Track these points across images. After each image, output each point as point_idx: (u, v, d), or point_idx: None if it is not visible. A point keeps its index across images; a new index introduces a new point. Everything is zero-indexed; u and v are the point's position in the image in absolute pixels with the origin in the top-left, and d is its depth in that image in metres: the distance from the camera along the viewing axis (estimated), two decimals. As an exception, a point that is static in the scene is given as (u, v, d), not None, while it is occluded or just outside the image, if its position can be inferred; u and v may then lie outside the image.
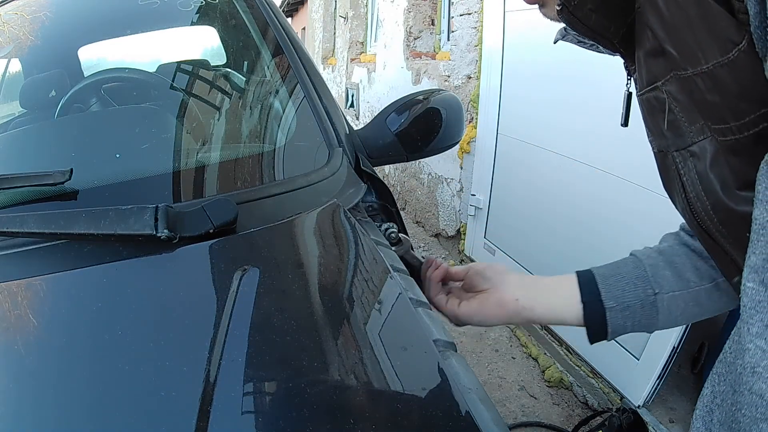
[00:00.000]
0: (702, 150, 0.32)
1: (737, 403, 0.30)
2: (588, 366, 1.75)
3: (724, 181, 0.31)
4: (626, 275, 0.50)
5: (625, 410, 1.43)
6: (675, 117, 0.33)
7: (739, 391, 0.29)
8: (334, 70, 5.82)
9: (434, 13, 3.54)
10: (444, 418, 0.39)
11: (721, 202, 0.32)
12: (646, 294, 0.48)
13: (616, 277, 0.50)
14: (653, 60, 0.33)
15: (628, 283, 0.49)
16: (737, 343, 0.32)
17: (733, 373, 0.31)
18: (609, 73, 1.53)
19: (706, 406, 0.35)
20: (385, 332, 0.47)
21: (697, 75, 0.29)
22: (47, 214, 0.56)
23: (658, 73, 0.33)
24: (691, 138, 0.32)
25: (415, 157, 0.91)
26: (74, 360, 0.45)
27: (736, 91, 0.27)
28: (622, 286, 0.49)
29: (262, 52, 1.03)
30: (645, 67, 0.34)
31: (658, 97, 0.34)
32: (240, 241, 0.57)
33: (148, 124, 0.85)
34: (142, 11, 1.11)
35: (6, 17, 1.07)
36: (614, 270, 0.51)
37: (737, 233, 0.32)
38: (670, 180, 0.37)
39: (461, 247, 2.77)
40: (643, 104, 0.37)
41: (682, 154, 0.34)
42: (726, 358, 0.34)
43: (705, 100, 0.29)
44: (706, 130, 0.31)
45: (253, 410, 0.40)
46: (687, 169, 0.34)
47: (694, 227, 0.37)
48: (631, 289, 0.49)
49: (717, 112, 0.29)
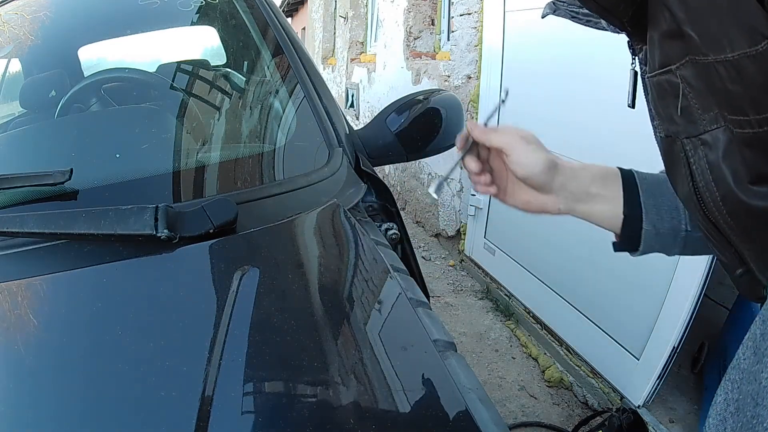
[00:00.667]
0: (714, 139, 0.31)
1: (759, 416, 0.29)
2: (588, 366, 1.75)
3: (737, 174, 0.30)
4: (666, 202, 0.49)
5: (625, 410, 1.43)
6: (688, 103, 0.32)
7: (762, 404, 0.29)
8: (334, 70, 5.82)
9: (434, 13, 3.54)
10: (444, 418, 0.39)
11: (732, 194, 0.31)
12: (679, 229, 0.48)
13: (659, 200, 0.50)
14: (669, 41, 0.32)
15: (668, 211, 0.49)
16: (754, 352, 0.31)
17: (753, 384, 0.31)
18: (609, 73, 1.53)
19: (719, 414, 0.34)
20: (385, 332, 0.47)
21: (720, 62, 0.28)
22: (47, 214, 0.56)
23: (673, 55, 0.32)
24: (704, 126, 0.32)
25: (415, 157, 0.91)
26: (74, 360, 0.45)
27: (760, 84, 0.27)
28: (661, 213, 0.49)
29: (262, 52, 1.03)
30: (659, 48, 0.33)
31: (671, 81, 0.33)
32: (240, 241, 0.57)
33: (148, 124, 0.85)
34: (142, 11, 1.11)
35: (6, 17, 1.07)
36: (657, 188, 0.50)
37: (745, 226, 0.32)
38: (676, 167, 0.36)
39: (461, 247, 2.77)
40: (653, 87, 0.36)
41: (693, 142, 0.33)
42: (740, 364, 0.33)
43: (725, 89, 0.29)
44: (721, 120, 0.30)
45: (253, 410, 0.40)
46: (697, 157, 0.33)
47: (698, 216, 0.36)
48: (668, 218, 0.49)
49: (736, 103, 0.28)
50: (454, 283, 2.59)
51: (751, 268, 0.34)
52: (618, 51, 0.52)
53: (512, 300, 2.23)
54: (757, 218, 0.30)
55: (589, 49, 1.64)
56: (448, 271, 2.76)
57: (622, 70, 0.44)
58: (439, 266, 2.82)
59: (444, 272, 2.73)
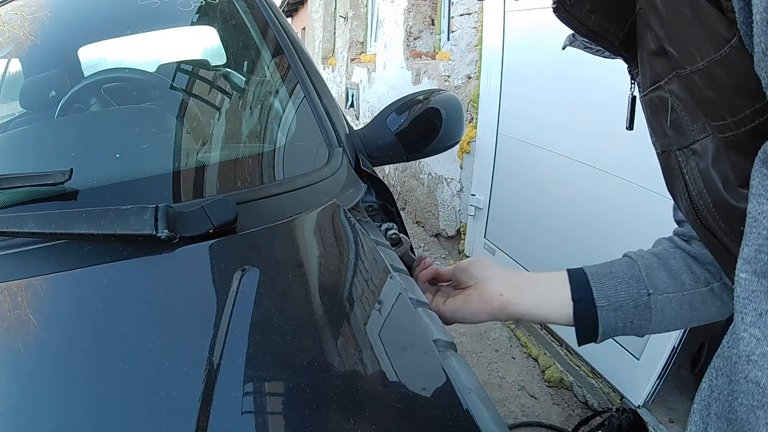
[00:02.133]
0: (704, 148, 0.32)
1: (734, 393, 0.30)
2: (588, 366, 1.75)
3: (726, 179, 0.31)
4: (620, 274, 0.49)
5: (624, 410, 1.43)
6: (677, 115, 0.33)
7: (735, 380, 0.29)
8: (334, 70, 5.82)
9: (434, 13, 3.54)
10: (444, 418, 0.39)
11: (723, 200, 0.32)
12: (639, 294, 0.48)
13: (609, 276, 0.49)
14: (656, 60, 0.33)
15: (622, 282, 0.48)
16: (733, 335, 0.32)
17: (729, 365, 0.31)
18: (609, 73, 1.53)
19: (704, 400, 0.35)
20: (385, 332, 0.47)
21: (695, 72, 0.29)
22: (47, 214, 0.56)
23: (661, 72, 0.33)
24: (693, 136, 0.33)
25: (415, 157, 0.91)
26: (74, 360, 0.45)
27: (730, 87, 0.28)
28: (615, 285, 0.48)
29: (262, 52, 1.03)
30: (649, 67, 0.35)
31: (661, 97, 0.34)
32: (240, 241, 0.57)
33: (148, 124, 0.85)
34: (142, 11, 1.11)
35: (6, 17, 1.07)
36: (607, 269, 0.50)
37: (739, 230, 0.33)
38: (674, 180, 0.37)
39: (461, 247, 2.77)
40: (647, 105, 0.38)
41: (684, 153, 0.34)
42: (723, 352, 0.34)
43: (703, 97, 0.30)
44: (708, 128, 0.31)
45: (253, 410, 0.40)
46: (689, 167, 0.34)
47: (697, 226, 0.37)
48: (624, 288, 0.48)
49: (715, 109, 0.30)
50: (454, 283, 2.58)
51: None
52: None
53: (512, 300, 2.23)
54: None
55: (589, 49, 1.64)
56: (448, 271, 2.75)
57: (622, 71, 0.44)
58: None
59: (444, 272, 2.73)
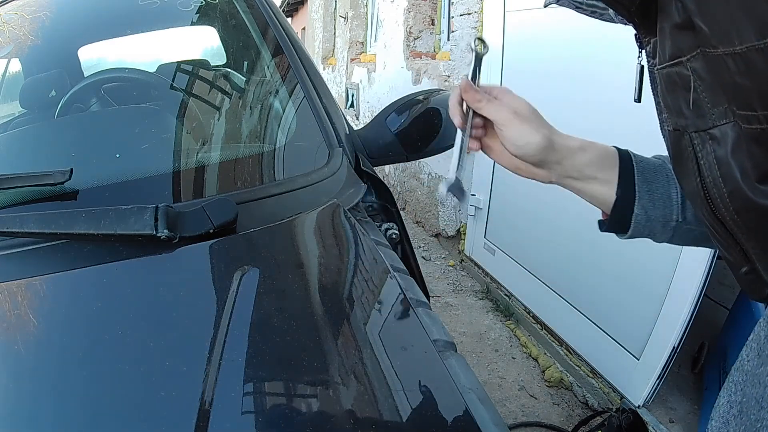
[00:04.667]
0: (723, 134, 0.31)
1: (763, 420, 0.29)
2: (588, 366, 1.75)
3: (744, 170, 0.30)
4: (660, 189, 0.48)
5: (624, 410, 1.43)
6: (698, 96, 0.31)
7: (766, 408, 0.29)
8: (334, 70, 5.82)
9: (434, 13, 3.54)
10: (444, 418, 0.39)
11: (739, 191, 0.31)
12: (669, 218, 0.47)
13: (652, 186, 0.48)
14: (680, 33, 0.31)
15: (660, 197, 0.47)
16: (758, 354, 0.31)
17: (757, 387, 0.30)
18: (609, 72, 1.53)
19: (722, 416, 0.33)
20: (385, 332, 0.47)
21: (729, 55, 0.27)
22: (47, 214, 0.56)
23: (684, 47, 0.31)
24: (713, 120, 0.31)
25: (415, 157, 0.91)
26: (74, 360, 0.45)
27: (767, 78, 0.26)
28: (654, 199, 0.48)
29: (262, 52, 1.03)
30: (670, 39, 0.33)
31: (681, 74, 0.32)
32: (240, 241, 0.57)
33: (148, 124, 0.85)
34: (142, 11, 1.11)
35: (6, 17, 1.07)
36: (652, 174, 0.49)
37: (752, 224, 0.31)
38: (683, 161, 0.35)
39: (461, 247, 2.77)
40: (662, 79, 0.35)
41: (701, 136, 0.32)
42: (743, 366, 0.32)
43: (734, 82, 0.28)
44: (730, 114, 0.30)
45: (253, 410, 0.40)
46: (705, 152, 0.33)
47: (704, 212, 0.35)
48: (660, 206, 0.47)
49: (745, 97, 0.28)
50: (454, 283, 2.59)
51: (756, 266, 0.33)
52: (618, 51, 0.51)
53: (512, 300, 2.23)
54: (764, 217, 0.29)
55: (589, 48, 1.64)
56: (448, 271, 2.76)
57: (622, 71, 0.44)
58: (439, 266, 2.82)
59: (444, 272, 2.73)
